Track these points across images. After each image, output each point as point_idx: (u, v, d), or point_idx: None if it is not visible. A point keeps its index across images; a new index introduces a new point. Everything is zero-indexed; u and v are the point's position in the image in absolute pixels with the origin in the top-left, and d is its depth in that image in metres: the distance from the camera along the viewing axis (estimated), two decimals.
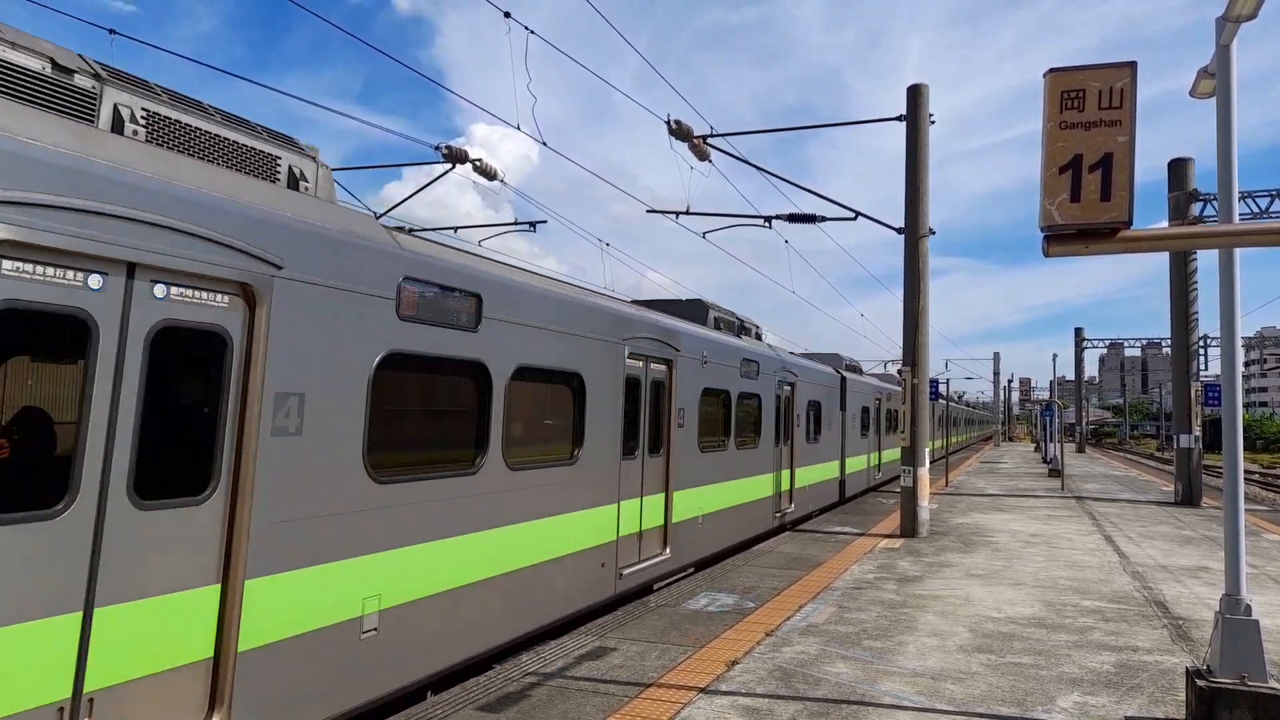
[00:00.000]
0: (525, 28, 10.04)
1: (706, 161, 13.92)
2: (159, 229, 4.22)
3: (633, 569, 9.15)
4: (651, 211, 16.22)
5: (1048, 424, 36.62)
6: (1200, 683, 5.16)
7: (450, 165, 14.74)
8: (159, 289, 4.27)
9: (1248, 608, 5.26)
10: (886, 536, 13.76)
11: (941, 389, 25.67)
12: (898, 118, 14.39)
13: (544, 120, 53.78)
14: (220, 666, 4.51)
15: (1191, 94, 6.38)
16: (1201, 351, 32.97)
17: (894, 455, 26.65)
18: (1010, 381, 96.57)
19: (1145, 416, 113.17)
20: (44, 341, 3.90)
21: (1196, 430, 20.20)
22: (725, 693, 5.87)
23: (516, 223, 17.00)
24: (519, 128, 11.39)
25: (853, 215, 15.50)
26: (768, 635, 7.41)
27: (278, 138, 5.85)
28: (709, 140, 13.82)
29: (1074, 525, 15.77)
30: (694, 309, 12.56)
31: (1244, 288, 5.90)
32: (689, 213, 15.78)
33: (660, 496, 10.02)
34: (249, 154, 5.56)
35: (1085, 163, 5.04)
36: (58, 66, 4.62)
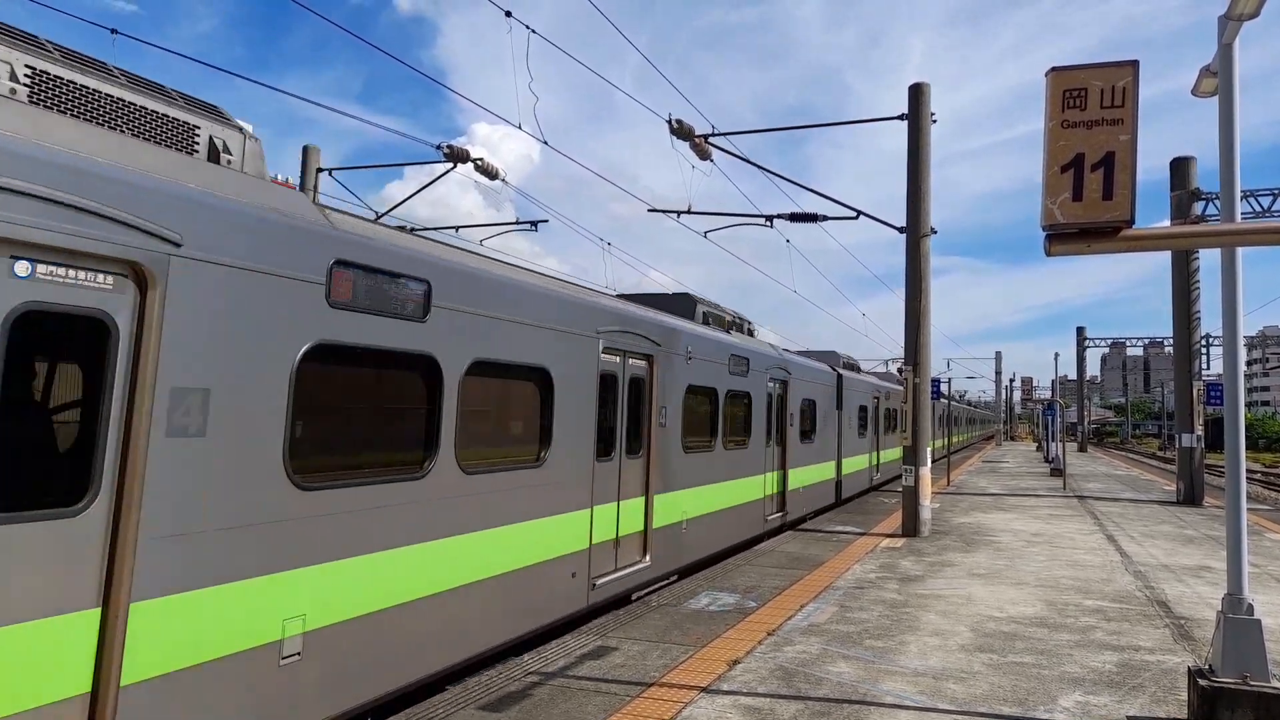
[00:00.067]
0: (526, 27, 10.06)
1: (708, 161, 13.93)
2: (19, 196, 3.63)
3: (608, 578, 8.63)
4: (653, 211, 16.25)
5: (1049, 423, 36.61)
6: (1202, 682, 5.15)
7: (451, 164, 14.78)
8: (20, 266, 3.68)
9: (1250, 607, 5.25)
10: (888, 536, 13.75)
11: (943, 388, 25.58)
12: (899, 117, 14.37)
13: (545, 119, 53.88)
14: (99, 703, 3.93)
15: (1194, 93, 6.38)
16: (1203, 351, 32.97)
17: (893, 455, 26.35)
18: (1012, 381, 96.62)
19: (1147, 416, 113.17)
20: None
21: (1198, 430, 20.19)
22: (727, 692, 5.87)
23: (518, 222, 17.05)
24: (520, 127, 11.40)
25: (854, 214, 15.50)
26: (769, 635, 7.41)
27: (199, 106, 5.30)
28: (710, 139, 13.83)
29: (1076, 525, 15.76)
30: (681, 303, 12.18)
31: (1246, 287, 5.90)
32: (690, 212, 15.80)
33: (640, 500, 9.51)
34: (160, 121, 5.00)
35: (1087, 162, 5.04)
36: None
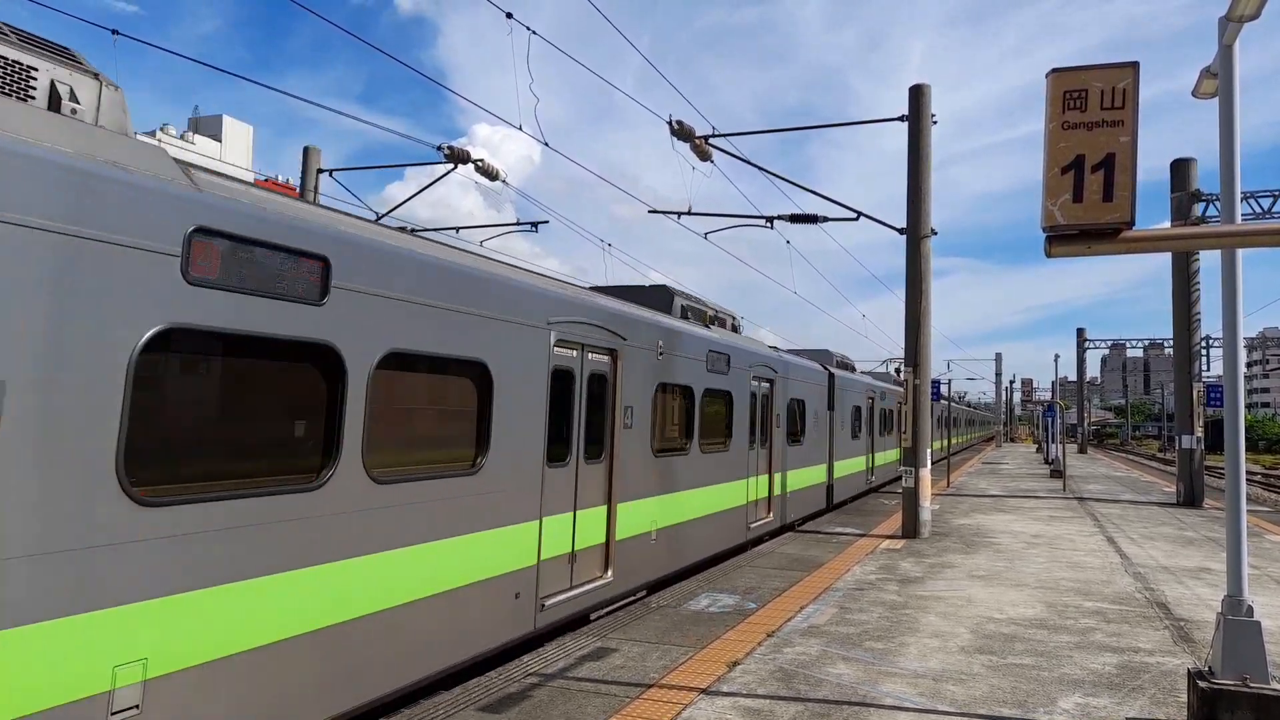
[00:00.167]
0: (527, 28, 10.07)
1: (708, 162, 13.94)
2: None
3: (560, 598, 7.72)
4: (653, 212, 16.25)
5: (1049, 425, 36.61)
6: (1202, 684, 5.15)
7: (452, 165, 14.79)
8: None
9: (1249, 609, 5.26)
10: (888, 537, 13.75)
11: (943, 389, 25.52)
12: (900, 118, 14.38)
13: (545, 121, 53.95)
14: None
15: (1194, 94, 6.38)
16: (1204, 352, 32.99)
17: (889, 458, 25.76)
18: (1012, 382, 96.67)
19: (1147, 417, 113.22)
20: None
21: (1198, 431, 20.19)
22: (726, 694, 5.87)
23: (518, 223, 17.06)
24: (521, 128, 11.43)
25: (855, 215, 15.51)
26: (769, 636, 7.41)
27: (42, 45, 4.57)
28: (711, 140, 13.84)
29: (1076, 526, 15.76)
30: (657, 296, 11.54)
31: (1246, 288, 5.90)
32: (691, 213, 15.80)
33: (601, 510, 8.64)
34: None
35: (1088, 163, 5.04)
36: None
